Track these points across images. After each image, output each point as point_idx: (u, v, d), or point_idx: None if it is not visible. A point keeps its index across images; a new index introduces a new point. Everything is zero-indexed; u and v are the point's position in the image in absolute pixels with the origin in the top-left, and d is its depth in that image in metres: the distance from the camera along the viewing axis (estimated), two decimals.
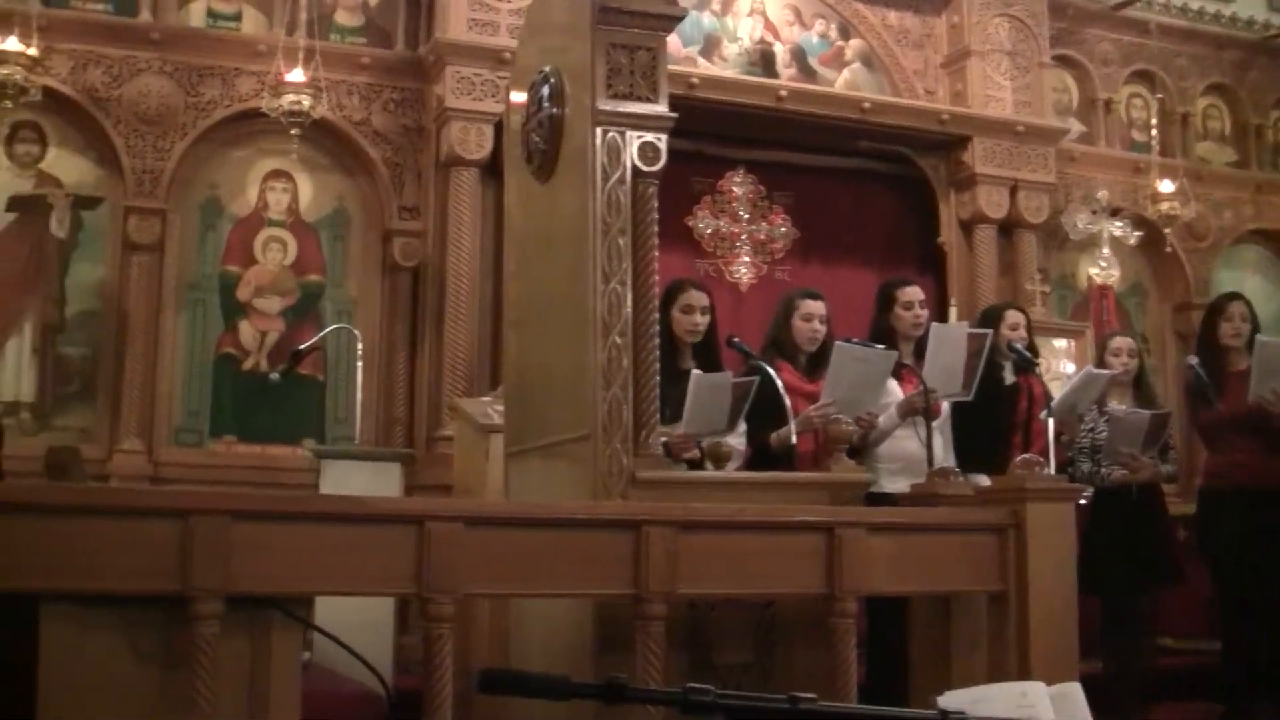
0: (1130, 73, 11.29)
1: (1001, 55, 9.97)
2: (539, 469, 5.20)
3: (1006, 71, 9.98)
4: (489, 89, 8.62)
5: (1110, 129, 11.16)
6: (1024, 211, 9.92)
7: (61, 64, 8.55)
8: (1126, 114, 11.34)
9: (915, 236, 10.12)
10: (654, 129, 4.86)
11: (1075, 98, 11.13)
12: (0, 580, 3.56)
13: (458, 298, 8.55)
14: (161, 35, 8.75)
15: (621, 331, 4.63)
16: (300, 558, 3.75)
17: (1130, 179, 10.92)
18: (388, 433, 8.79)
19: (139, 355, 8.49)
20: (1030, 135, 9.97)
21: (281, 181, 8.99)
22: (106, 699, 3.67)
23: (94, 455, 8.10)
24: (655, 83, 4.91)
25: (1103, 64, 11.17)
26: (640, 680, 3.97)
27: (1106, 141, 11.10)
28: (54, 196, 8.64)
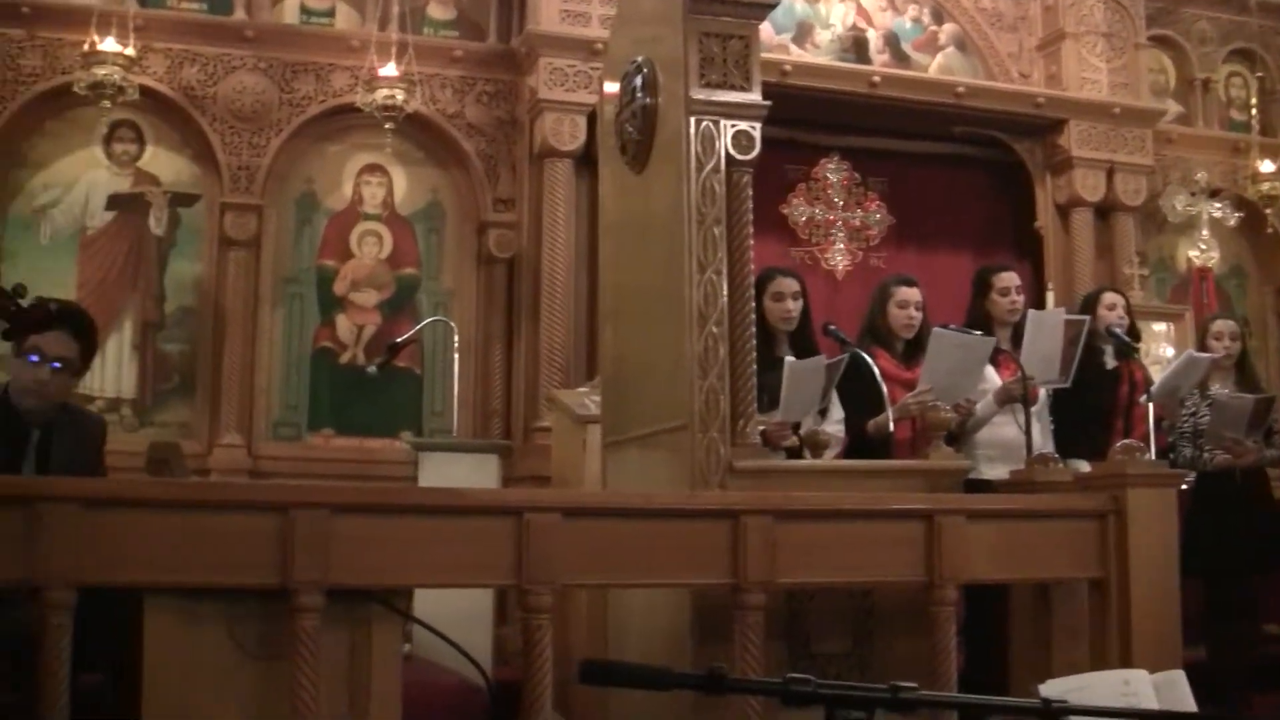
0: (1229, 51, 11.07)
1: (1097, 37, 9.82)
2: (636, 459, 5.19)
3: (1102, 53, 9.83)
4: (581, 80, 8.62)
5: (1208, 109, 10.95)
6: (1121, 194, 9.78)
7: (158, 63, 8.66)
8: (1225, 93, 11.13)
9: (1011, 221, 10.00)
10: (748, 117, 4.84)
11: (1172, 78, 10.94)
12: (106, 574, 3.61)
13: (553, 289, 8.57)
14: (256, 33, 8.84)
15: (718, 321, 4.62)
16: (400, 550, 3.77)
17: (1229, 159, 10.71)
18: (485, 424, 8.82)
19: (237, 350, 8.59)
20: (1127, 117, 9.82)
21: (376, 175, 9.05)
22: (209, 690, 3.71)
23: (194, 450, 8.19)
24: (748, 71, 4.89)
25: (1200, 43, 10.97)
26: (739, 670, 3.96)
27: (1205, 122, 10.89)
28: (152, 194, 8.75)
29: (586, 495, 5.36)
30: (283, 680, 3.67)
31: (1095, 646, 4.70)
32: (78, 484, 4.02)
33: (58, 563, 3.51)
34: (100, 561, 3.56)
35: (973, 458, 5.84)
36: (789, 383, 5.37)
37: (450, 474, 6.72)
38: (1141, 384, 6.65)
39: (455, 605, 5.25)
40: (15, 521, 3.47)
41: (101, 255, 8.65)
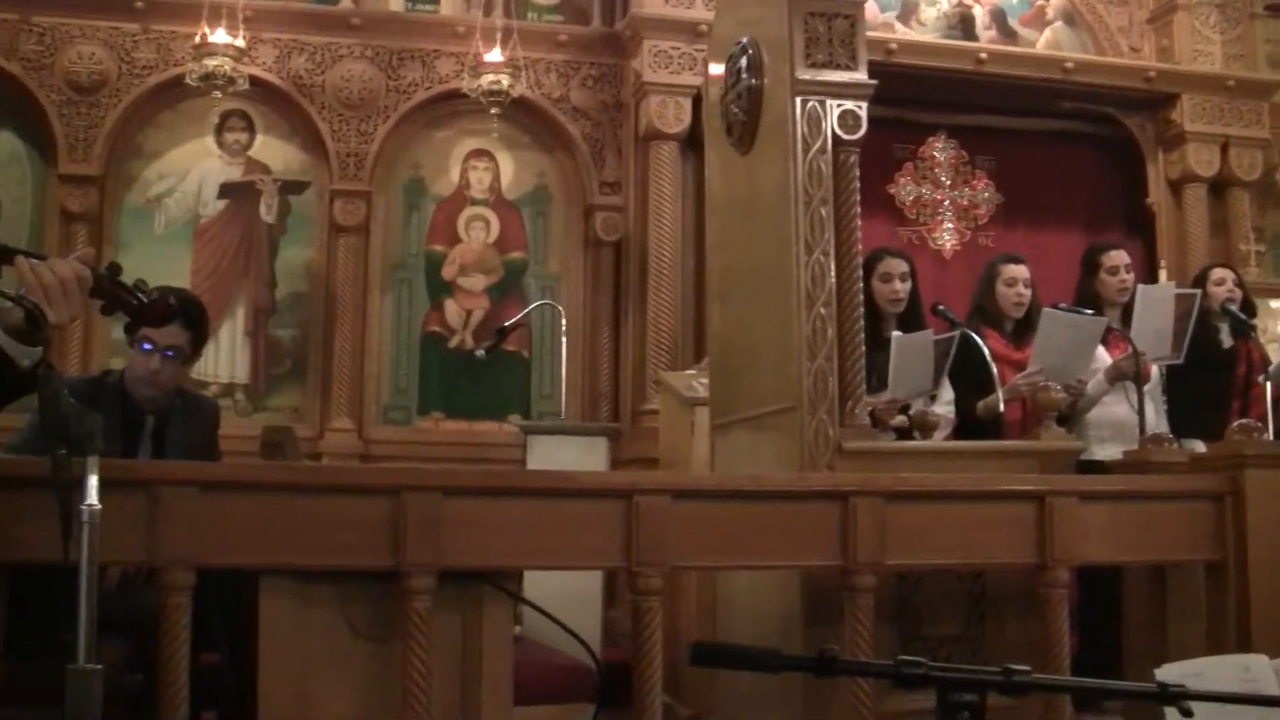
0: None
1: (1210, 8, 9.64)
2: (745, 441, 5.19)
3: (1216, 25, 9.64)
4: (686, 62, 8.62)
5: None
6: (1236, 169, 9.58)
7: (266, 53, 8.77)
8: None
9: (1122, 198, 9.85)
10: (854, 97, 4.81)
11: None
12: (222, 556, 3.66)
13: (660, 271, 8.58)
14: (362, 21, 8.93)
15: (826, 302, 4.60)
16: (510, 532, 3.79)
17: None
18: (593, 407, 8.86)
19: (348, 335, 8.70)
20: (1242, 90, 9.62)
21: (483, 160, 9.11)
22: (323, 670, 3.76)
23: (306, 434, 8.29)
24: (854, 50, 4.86)
25: None
26: (849, 652, 3.94)
27: None
28: (262, 182, 8.88)
29: (696, 478, 5.35)
30: (395, 661, 3.71)
31: (1212, 631, 4.61)
32: (195, 468, 4.09)
33: (176, 545, 3.57)
34: (217, 544, 3.62)
35: (1084, 438, 5.77)
36: (897, 357, 5.34)
37: (559, 457, 6.75)
38: (1259, 363, 6.50)
39: (565, 587, 5.28)
40: (136, 505, 3.53)
41: (214, 243, 8.78)
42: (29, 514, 3.15)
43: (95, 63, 8.57)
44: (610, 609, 7.14)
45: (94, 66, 8.57)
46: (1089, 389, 5.94)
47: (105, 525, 2.44)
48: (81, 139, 8.53)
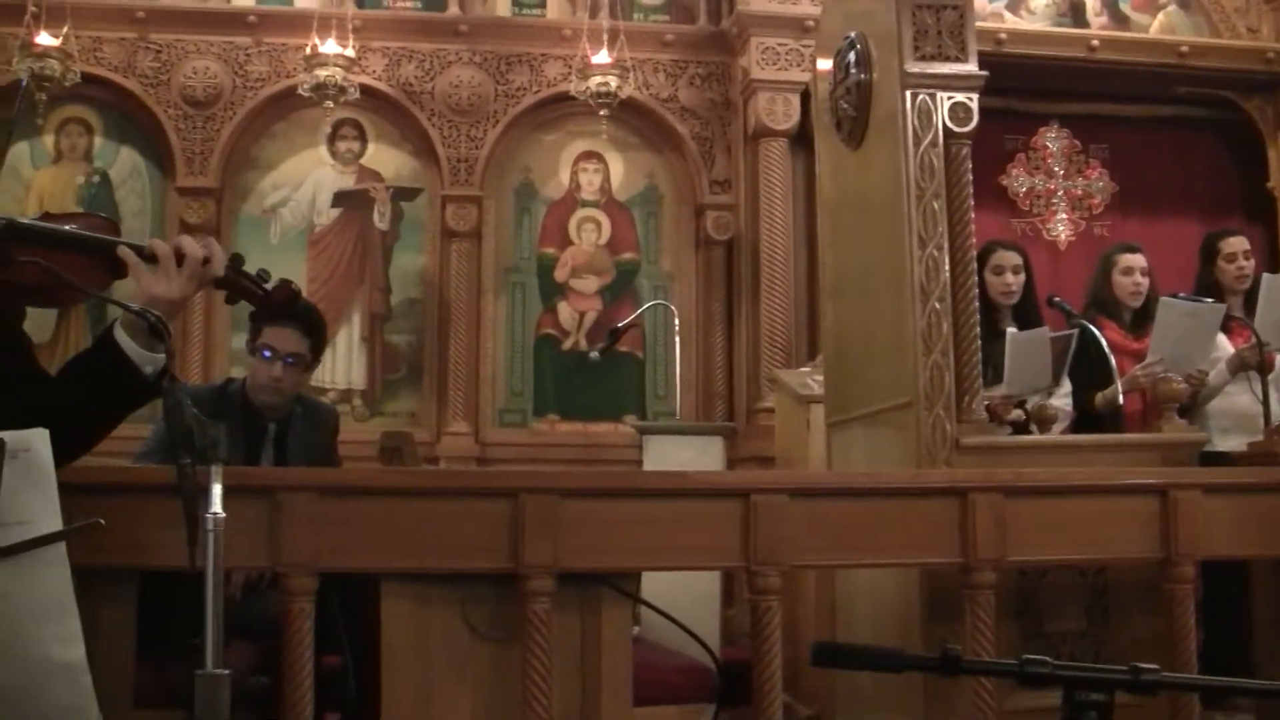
0: None
1: None
2: (861, 437, 5.16)
3: None
4: (794, 58, 8.59)
5: None
6: None
7: (376, 62, 8.87)
8: None
9: (1241, 183, 9.63)
10: (965, 89, 4.77)
11: None
12: (344, 560, 3.70)
13: (772, 269, 8.55)
14: (469, 27, 8.99)
15: (940, 297, 4.57)
16: (628, 533, 3.79)
17: None
18: (708, 406, 8.85)
19: (462, 339, 8.77)
20: None
21: (593, 162, 9.14)
22: (445, 671, 3.79)
23: (423, 438, 8.36)
24: (964, 42, 4.82)
25: None
26: (970, 650, 3.90)
27: None
28: (375, 190, 8.98)
29: (813, 476, 5.34)
30: (515, 662, 3.72)
31: None
32: (315, 474, 4.15)
33: (298, 550, 3.61)
34: (338, 548, 3.66)
35: (1206, 429, 5.66)
36: (1012, 355, 5.28)
37: (675, 457, 6.75)
38: None
39: (683, 586, 5.28)
40: (258, 511, 3.58)
41: (329, 251, 8.90)
42: (157, 521, 3.21)
43: (210, 77, 8.72)
44: (729, 607, 7.13)
45: (209, 81, 8.72)
46: (1210, 379, 5.82)
47: (229, 531, 2.47)
48: (198, 152, 8.68)
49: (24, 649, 2.02)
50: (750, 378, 8.64)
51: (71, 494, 2.22)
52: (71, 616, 2.07)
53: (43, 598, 2.03)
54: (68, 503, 2.13)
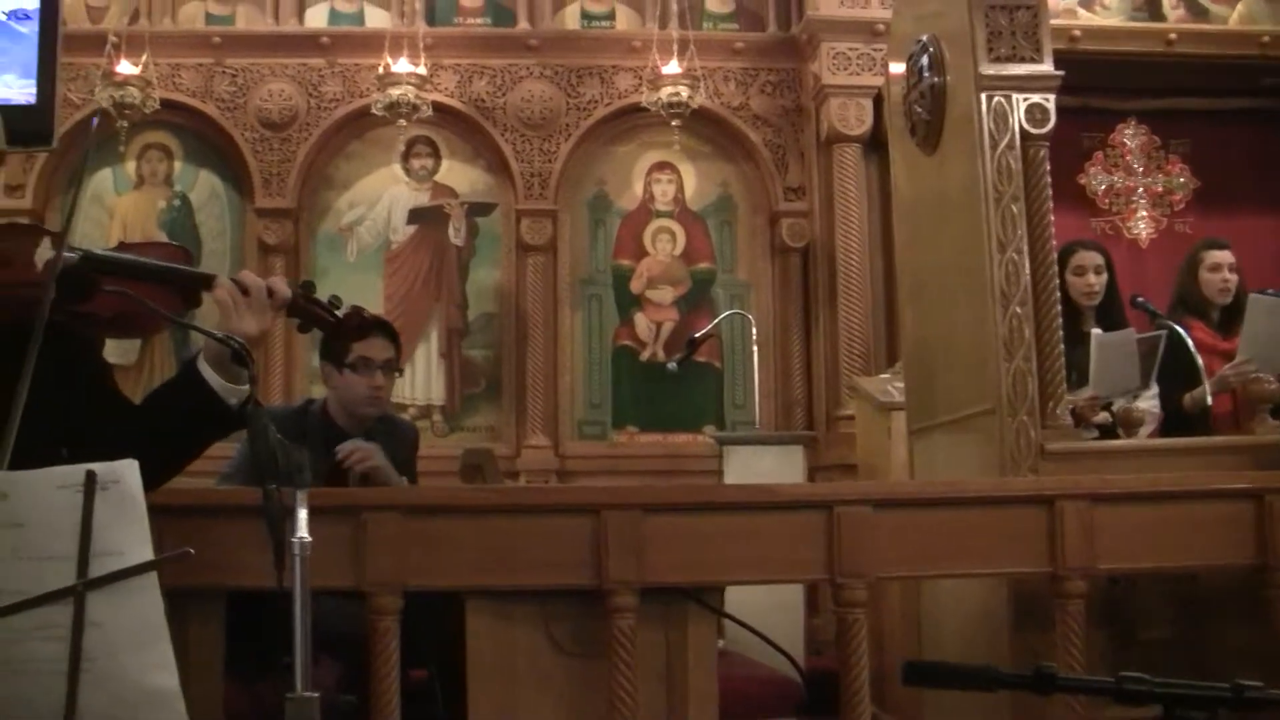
0: None
1: None
2: (944, 445, 5.11)
3: None
4: (865, 63, 8.55)
5: None
6: None
7: (448, 79, 8.92)
8: None
9: None
10: (1040, 89, 4.73)
11: None
12: (427, 578, 3.71)
13: (849, 275, 8.52)
14: (539, 41, 9.03)
15: (1021, 301, 4.52)
16: (711, 547, 3.78)
17: None
18: (787, 415, 8.83)
19: (540, 353, 8.80)
20: None
21: (666, 173, 9.14)
22: (530, 687, 3.78)
23: (503, 452, 8.40)
24: (1038, 41, 4.78)
25: None
26: (1061, 660, 3.85)
27: None
28: (450, 206, 9.04)
29: (896, 486, 5.29)
30: (600, 677, 3.71)
31: None
32: (399, 493, 4.17)
33: (383, 569, 3.62)
34: (422, 567, 3.66)
35: None
36: (1097, 357, 5.21)
37: (756, 466, 6.73)
38: None
39: (767, 597, 5.26)
40: (343, 531, 3.60)
41: (406, 268, 8.96)
42: (244, 542, 3.23)
43: (285, 99, 8.81)
44: (813, 617, 7.09)
45: (284, 103, 8.81)
46: None
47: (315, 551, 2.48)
48: (275, 173, 8.77)
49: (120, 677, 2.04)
50: (829, 385, 8.61)
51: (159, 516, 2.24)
52: (164, 643, 2.08)
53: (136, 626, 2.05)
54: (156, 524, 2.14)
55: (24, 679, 2.02)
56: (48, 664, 2.02)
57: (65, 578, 2.02)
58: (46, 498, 2.03)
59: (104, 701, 2.03)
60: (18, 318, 2.46)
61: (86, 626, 2.02)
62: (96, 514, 2.01)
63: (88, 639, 2.02)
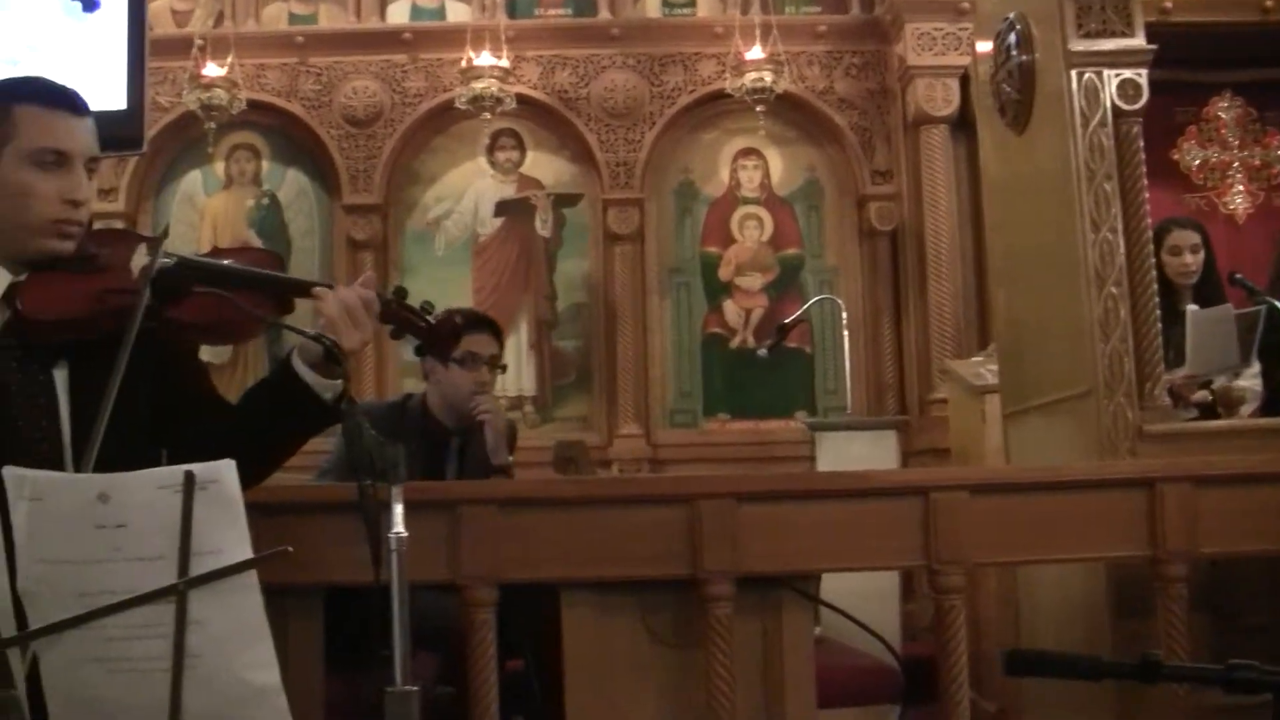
0: None
1: None
2: (1039, 428, 5.05)
3: None
4: (951, 42, 8.48)
5: None
6: None
7: (531, 71, 8.95)
8: None
9: None
10: (1132, 64, 4.66)
11: None
12: (523, 571, 3.71)
13: (938, 257, 8.47)
14: (621, 30, 9.03)
15: (1116, 281, 4.45)
16: (806, 535, 3.75)
17: None
18: (879, 400, 8.79)
19: (629, 342, 8.81)
20: None
21: (752, 159, 9.12)
22: (627, 678, 3.78)
23: (594, 442, 8.44)
24: (1129, 15, 4.71)
25: None
26: (1163, 646, 3.78)
27: None
28: (536, 198, 9.07)
29: (993, 471, 5.23)
30: (697, 667, 3.70)
31: None
32: (494, 486, 4.17)
33: (479, 563, 3.63)
34: (518, 559, 3.67)
35: None
36: (1193, 334, 5.12)
37: (848, 452, 6.70)
38: None
39: (862, 584, 5.22)
40: (439, 525, 3.61)
41: (493, 260, 9.00)
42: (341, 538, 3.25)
43: (369, 96, 8.88)
44: (908, 603, 7.04)
45: (369, 100, 8.88)
46: None
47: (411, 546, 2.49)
48: (361, 170, 8.85)
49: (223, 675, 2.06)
50: (921, 369, 8.56)
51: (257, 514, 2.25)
52: (266, 641, 2.10)
53: (238, 623, 2.07)
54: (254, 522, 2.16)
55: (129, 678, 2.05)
56: (151, 662, 2.05)
57: (166, 577, 2.04)
58: (147, 498, 2.05)
59: (208, 699, 2.05)
60: (116, 325, 2.49)
61: (189, 625, 2.04)
62: (196, 513, 2.04)
63: (190, 637, 2.04)
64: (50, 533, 2.07)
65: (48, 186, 2.59)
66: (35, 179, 2.59)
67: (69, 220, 2.62)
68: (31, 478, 2.07)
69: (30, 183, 2.59)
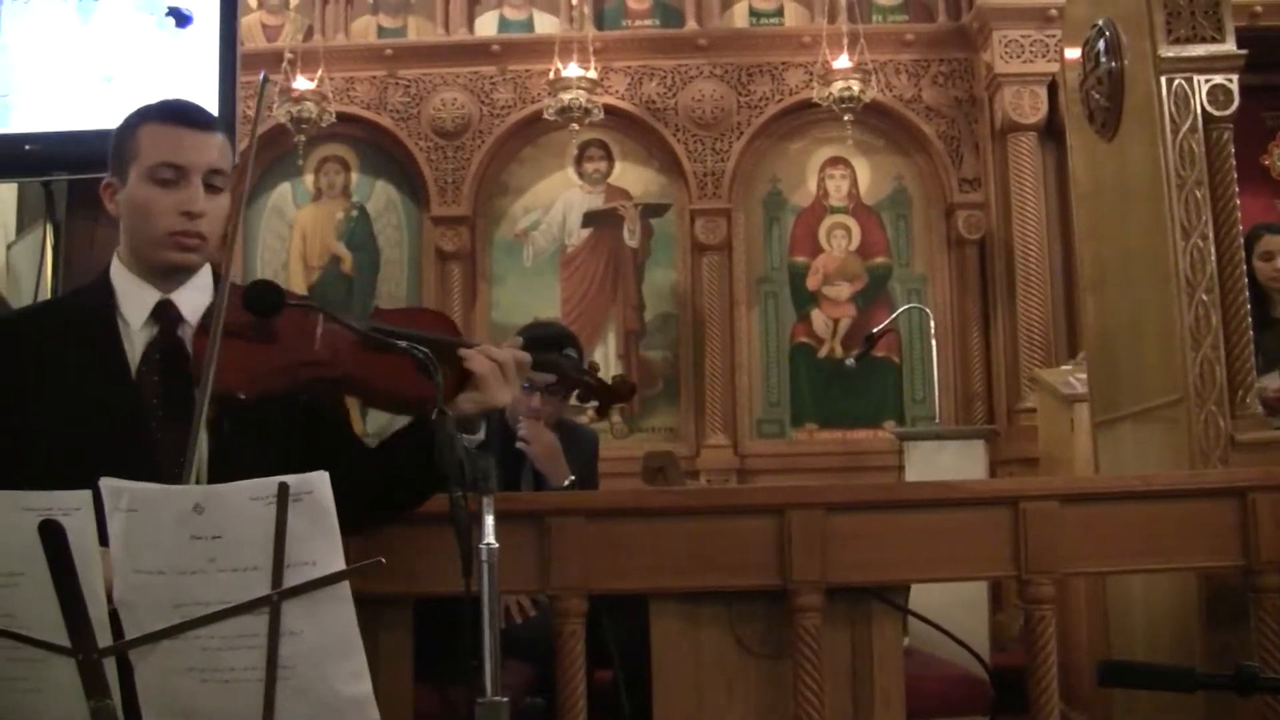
0: None
1: None
2: (1129, 437, 5.01)
3: None
4: (1039, 49, 8.43)
5: None
6: None
7: (618, 82, 8.99)
8: None
9: None
10: (1223, 70, 4.60)
11: None
12: (611, 582, 3.73)
13: (1027, 265, 8.41)
14: (709, 40, 9.06)
15: (1207, 288, 4.41)
16: (896, 545, 3.74)
17: None
18: (967, 409, 8.74)
19: (717, 352, 8.82)
20: None
21: (839, 168, 9.11)
22: (716, 688, 3.78)
23: (683, 453, 8.45)
24: (1219, 20, 4.65)
25: None
26: (1257, 657, 3.74)
27: None
28: (624, 208, 9.11)
29: (1083, 481, 5.19)
30: (786, 678, 3.70)
31: None
32: (583, 497, 4.20)
33: (568, 574, 3.65)
34: (607, 570, 3.69)
35: None
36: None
37: (937, 462, 6.68)
38: None
39: (951, 593, 5.20)
40: (528, 536, 3.64)
41: (581, 271, 9.04)
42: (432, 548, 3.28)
43: (458, 108, 8.96)
44: (997, 612, 7.00)
45: (457, 112, 8.96)
46: None
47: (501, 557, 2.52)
48: (450, 181, 8.92)
49: (317, 686, 2.09)
50: (1010, 378, 8.51)
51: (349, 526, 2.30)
52: (358, 652, 2.13)
53: (331, 635, 2.10)
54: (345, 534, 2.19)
55: (222, 688, 2.09)
56: (246, 673, 2.08)
57: (260, 588, 2.07)
58: (241, 510, 2.09)
59: (300, 709, 2.09)
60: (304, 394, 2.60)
61: (283, 635, 2.07)
62: (290, 525, 2.07)
63: (284, 648, 2.07)
64: (146, 544, 2.10)
65: (165, 201, 2.69)
66: (154, 194, 2.69)
67: (186, 232, 2.71)
68: (129, 489, 2.11)
69: (149, 198, 2.70)
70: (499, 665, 2.49)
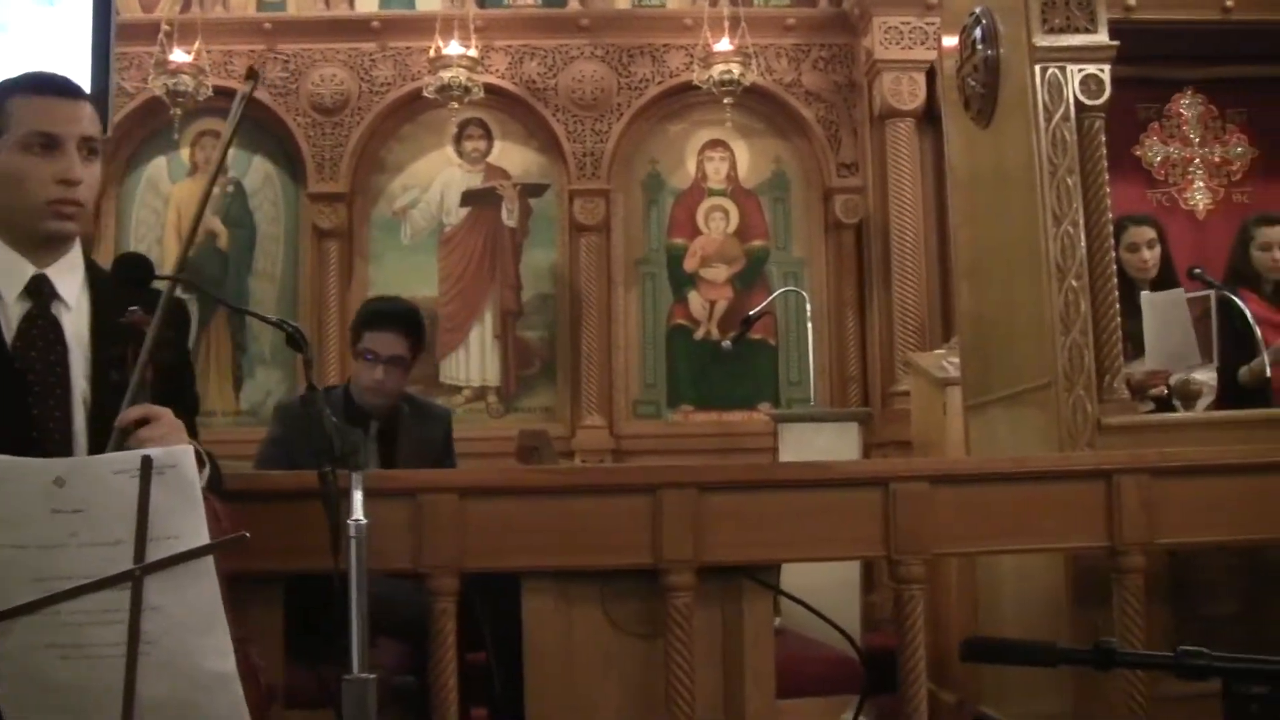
0: None
1: None
2: (1000, 420, 5.08)
3: None
4: (918, 36, 8.50)
5: None
6: None
7: (499, 61, 8.93)
8: None
9: None
10: (1096, 60, 4.70)
11: None
12: (484, 560, 3.72)
13: (903, 251, 8.48)
14: (590, 21, 9.02)
15: (1077, 274, 4.49)
16: (768, 525, 3.77)
17: None
18: (842, 392, 8.80)
19: (594, 333, 8.81)
20: None
21: (719, 151, 9.12)
22: (589, 667, 3.79)
23: (558, 433, 8.42)
24: (1093, 12, 4.75)
25: None
26: (1121, 636, 3.82)
27: None
28: (503, 188, 9.05)
29: (953, 462, 5.26)
30: (658, 656, 3.71)
31: None
32: (455, 475, 4.18)
33: (440, 551, 3.64)
34: (479, 548, 3.68)
35: None
36: (1150, 320, 5.16)
37: (811, 444, 6.72)
38: None
39: (823, 574, 5.23)
40: (400, 513, 3.61)
41: (460, 250, 8.98)
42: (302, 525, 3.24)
43: (337, 84, 8.85)
44: (869, 594, 7.07)
45: (336, 88, 8.85)
46: None
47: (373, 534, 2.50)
48: (328, 158, 8.82)
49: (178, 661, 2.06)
50: (884, 362, 8.58)
51: None
52: (222, 628, 2.10)
53: (194, 610, 2.07)
54: None
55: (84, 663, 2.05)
56: (108, 648, 2.05)
57: (123, 562, 2.04)
58: (104, 483, 2.05)
59: (162, 684, 2.05)
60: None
61: (145, 610, 2.04)
62: (153, 499, 2.03)
63: (146, 623, 2.04)
64: (5, 517, 2.06)
65: (43, 170, 2.68)
66: (28, 164, 2.68)
67: (64, 200, 2.71)
68: None
69: (24, 168, 2.68)
70: (367, 642, 2.48)
